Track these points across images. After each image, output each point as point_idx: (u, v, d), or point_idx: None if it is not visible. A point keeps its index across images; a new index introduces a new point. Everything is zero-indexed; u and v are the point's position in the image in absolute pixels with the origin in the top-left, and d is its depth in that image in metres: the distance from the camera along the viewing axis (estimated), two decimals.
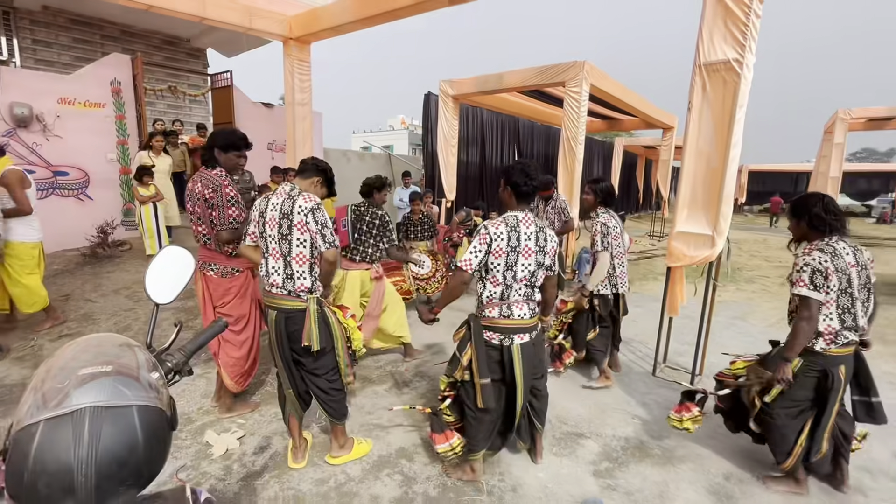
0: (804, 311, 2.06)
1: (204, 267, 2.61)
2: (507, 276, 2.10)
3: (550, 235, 2.19)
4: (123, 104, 6.13)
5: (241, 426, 2.70)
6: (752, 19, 2.95)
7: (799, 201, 2.23)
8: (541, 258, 2.14)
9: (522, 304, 2.15)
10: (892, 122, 12.04)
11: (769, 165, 24.66)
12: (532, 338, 2.19)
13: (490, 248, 2.08)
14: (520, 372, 2.14)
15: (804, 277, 2.07)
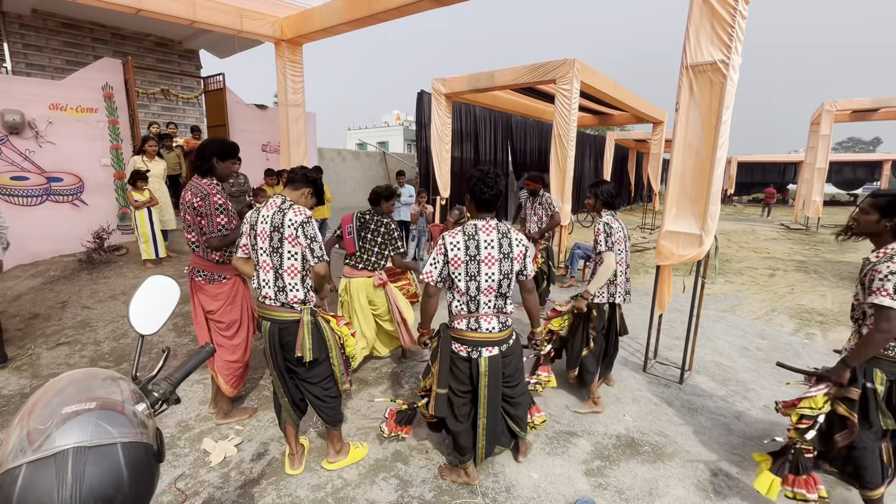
0: (883, 323, 1.86)
1: (193, 273, 2.69)
2: (469, 286, 2.07)
3: (517, 240, 2.12)
4: (116, 109, 6.11)
5: (239, 433, 2.75)
6: (737, 21, 2.99)
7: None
8: (506, 266, 2.08)
9: (492, 317, 2.12)
10: (876, 114, 12.14)
11: (757, 156, 24.79)
12: (502, 350, 2.17)
13: (447, 257, 2.08)
14: (484, 384, 2.16)
15: (889, 287, 1.85)
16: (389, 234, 3.36)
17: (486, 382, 2.16)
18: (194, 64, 9.42)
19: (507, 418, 2.38)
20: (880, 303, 1.85)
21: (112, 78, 6.07)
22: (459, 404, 2.23)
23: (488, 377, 2.16)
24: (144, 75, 8.35)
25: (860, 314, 2.06)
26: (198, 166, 2.58)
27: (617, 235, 2.96)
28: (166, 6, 5.04)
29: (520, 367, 2.35)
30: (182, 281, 5.35)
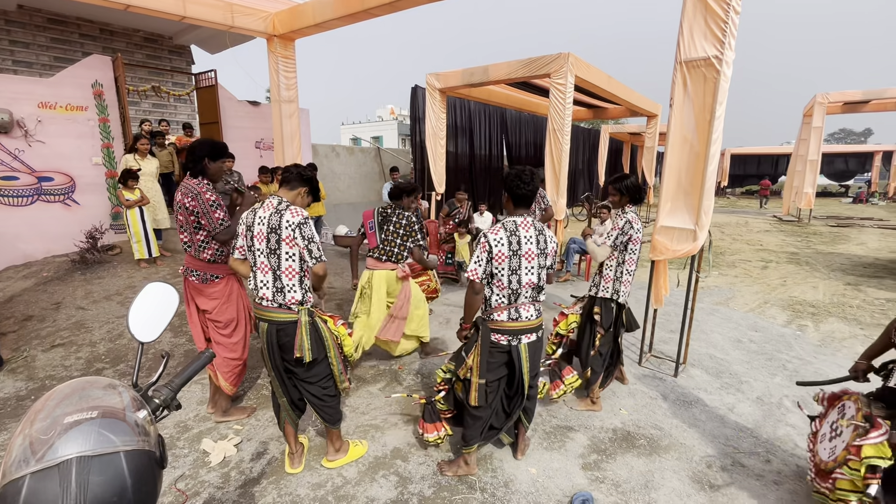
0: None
1: (187, 273, 2.71)
2: (511, 280, 2.17)
3: (550, 237, 2.27)
4: (106, 107, 6.04)
5: (238, 432, 2.76)
6: (731, 16, 2.99)
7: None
8: (542, 260, 2.22)
9: (529, 305, 2.23)
10: (867, 106, 12.23)
11: (750, 149, 24.95)
12: (538, 336, 2.30)
13: (491, 254, 2.15)
14: (526, 370, 2.26)
15: None
16: (410, 227, 3.40)
17: (528, 367, 2.25)
18: (185, 59, 9.31)
19: (529, 410, 2.49)
20: None
21: (101, 75, 5.99)
22: (489, 392, 2.30)
23: (529, 362, 2.25)
24: (134, 72, 8.24)
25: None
26: (189, 167, 2.59)
27: (636, 236, 2.95)
28: (156, 2, 4.97)
29: (542, 354, 2.46)
30: (177, 280, 5.33)
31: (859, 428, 1.83)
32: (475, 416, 2.32)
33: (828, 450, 1.99)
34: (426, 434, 2.47)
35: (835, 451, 1.92)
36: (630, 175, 3.15)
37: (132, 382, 1.01)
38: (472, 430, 2.34)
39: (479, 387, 2.23)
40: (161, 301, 1.09)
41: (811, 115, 12.28)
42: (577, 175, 15.62)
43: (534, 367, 2.33)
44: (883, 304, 5.48)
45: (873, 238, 10.25)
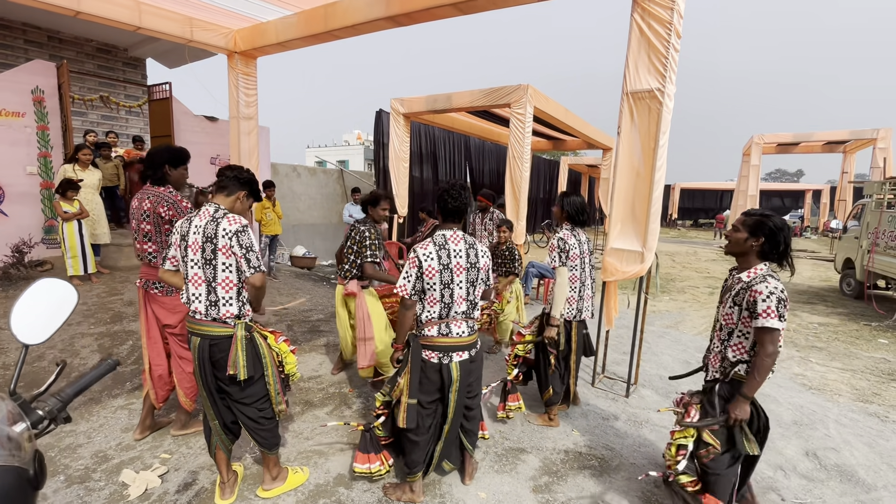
0: (770, 346, 1.84)
1: (147, 285, 2.57)
2: (444, 294, 2.13)
3: (482, 251, 2.25)
4: (47, 114, 5.70)
5: (165, 461, 2.52)
6: (671, 52, 3.21)
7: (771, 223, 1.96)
8: (473, 274, 2.19)
9: (461, 321, 2.18)
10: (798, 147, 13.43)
11: (698, 184, 26.67)
12: (471, 355, 2.23)
13: (421, 269, 2.11)
14: (455, 389, 2.18)
15: (772, 307, 1.83)
16: (361, 242, 3.24)
17: (457, 388, 2.18)
18: (140, 73, 9.01)
19: (461, 432, 2.36)
20: (771, 325, 1.81)
21: (44, 81, 5.68)
22: (424, 415, 2.21)
23: (459, 382, 2.18)
24: (83, 81, 7.88)
25: (727, 335, 2.04)
26: (150, 175, 2.54)
27: (573, 251, 2.93)
28: (109, 10, 4.80)
29: (480, 376, 2.37)
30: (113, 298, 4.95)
31: (679, 414, 2.19)
32: (412, 441, 2.22)
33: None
34: (356, 464, 2.31)
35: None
36: (577, 195, 3.20)
37: (10, 391, 0.90)
38: (412, 455, 2.23)
39: (408, 407, 2.14)
40: (55, 300, 0.98)
41: (749, 154, 13.32)
42: (537, 204, 16.06)
43: (466, 387, 2.23)
44: (816, 327, 5.83)
45: (807, 268, 11.01)
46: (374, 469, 2.30)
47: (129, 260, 6.03)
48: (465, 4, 4.09)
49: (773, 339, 1.85)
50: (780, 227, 1.95)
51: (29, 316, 0.93)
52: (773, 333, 1.85)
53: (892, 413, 3.51)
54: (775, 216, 2.00)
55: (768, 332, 1.85)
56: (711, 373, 2.15)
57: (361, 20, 4.69)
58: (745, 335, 1.99)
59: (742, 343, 2.01)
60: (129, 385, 3.35)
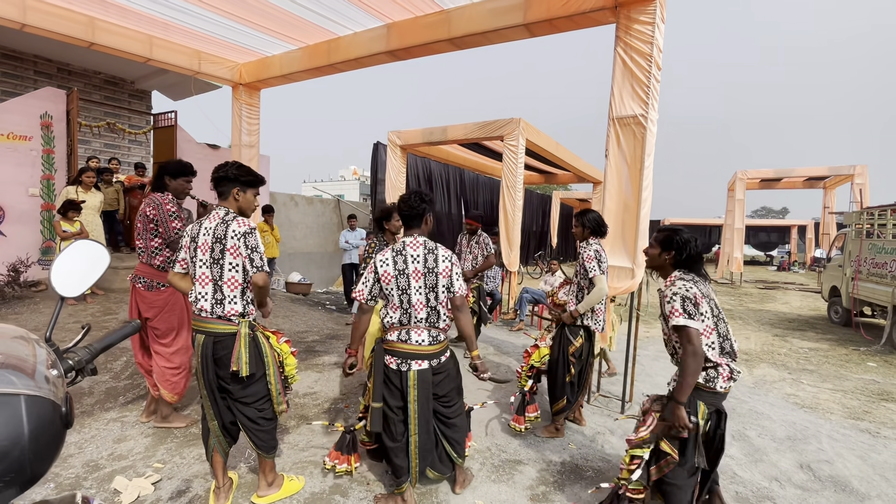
0: (687, 345, 1.87)
1: (135, 279, 2.81)
2: (402, 300, 2.14)
3: (444, 256, 2.18)
4: (53, 138, 5.86)
5: (158, 470, 2.49)
6: (652, 82, 3.45)
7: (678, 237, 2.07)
8: (432, 280, 2.14)
9: (423, 330, 2.15)
10: (780, 183, 13.94)
11: (686, 219, 27.27)
12: (432, 365, 2.17)
13: (377, 275, 2.17)
14: (413, 398, 2.13)
15: (677, 307, 1.89)
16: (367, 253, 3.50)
17: (416, 396, 2.13)
18: (145, 104, 9.31)
19: (444, 440, 2.30)
20: (676, 323, 1.86)
21: (53, 107, 5.87)
22: (395, 420, 2.20)
23: (417, 390, 2.13)
24: (90, 110, 8.12)
25: (672, 348, 2.08)
26: (154, 184, 2.88)
27: (604, 265, 3.08)
28: (121, 42, 5.06)
29: (455, 386, 2.32)
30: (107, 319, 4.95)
31: (638, 423, 2.12)
32: (388, 447, 2.21)
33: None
34: (326, 458, 2.42)
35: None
36: (594, 210, 3.36)
37: (46, 337, 0.96)
38: (393, 461, 2.21)
39: (373, 411, 2.16)
40: (89, 259, 1.05)
41: (734, 190, 13.76)
42: (530, 236, 16.31)
43: (426, 397, 2.15)
44: (806, 352, 5.91)
45: (796, 299, 11.20)
46: (340, 469, 2.41)
47: (124, 283, 6.03)
48: (460, 40, 4.38)
49: (689, 338, 1.85)
50: (687, 240, 2.05)
51: (67, 272, 1.00)
52: (684, 332, 1.86)
53: (884, 429, 3.55)
54: (682, 231, 2.08)
55: (680, 332, 1.88)
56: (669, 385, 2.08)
57: (363, 54, 4.97)
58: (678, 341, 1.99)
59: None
60: (123, 399, 3.31)
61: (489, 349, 5.36)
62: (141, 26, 5.00)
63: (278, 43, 5.46)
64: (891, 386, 4.62)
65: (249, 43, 5.50)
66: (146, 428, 2.92)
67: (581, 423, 3.35)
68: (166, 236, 2.76)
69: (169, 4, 4.45)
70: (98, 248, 1.08)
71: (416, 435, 2.17)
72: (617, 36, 3.52)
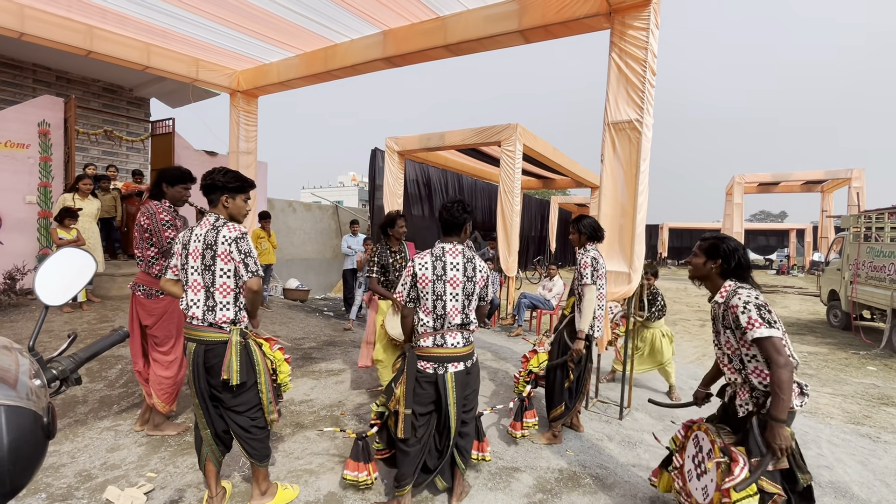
0: (776, 356, 1.69)
1: (135, 287, 2.85)
2: (436, 305, 2.18)
3: (480, 266, 2.28)
4: (51, 146, 5.86)
5: (151, 479, 2.46)
6: (647, 87, 3.46)
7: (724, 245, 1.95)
8: (470, 287, 2.22)
9: (456, 332, 2.21)
10: (778, 187, 13.96)
11: (685, 224, 27.32)
12: (467, 366, 2.24)
13: (416, 278, 2.19)
14: (452, 401, 2.18)
15: (754, 316, 1.73)
16: (371, 259, 3.60)
17: (455, 398, 2.18)
18: (144, 111, 9.34)
19: (455, 450, 2.33)
20: (761, 335, 1.71)
21: (51, 115, 5.88)
22: (418, 426, 2.21)
23: (456, 392, 2.19)
24: (88, 118, 8.14)
25: (739, 363, 1.88)
26: (152, 192, 2.89)
27: (602, 271, 3.12)
28: (120, 51, 5.08)
29: (477, 388, 2.38)
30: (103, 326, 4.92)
31: (721, 465, 1.81)
32: (404, 452, 2.21)
33: (700, 491, 1.92)
34: (346, 471, 2.34)
35: (708, 494, 1.86)
36: (589, 217, 3.36)
37: (29, 346, 0.94)
38: (403, 468, 2.22)
39: (405, 417, 2.16)
40: (76, 267, 1.04)
41: (732, 194, 13.80)
42: (529, 241, 16.31)
43: (462, 400, 2.24)
44: (805, 356, 5.88)
45: (795, 302, 11.17)
46: (362, 478, 2.31)
47: (121, 290, 6.02)
48: (456, 46, 4.40)
49: (775, 348, 1.70)
50: (734, 247, 1.94)
51: (52, 279, 0.99)
52: (769, 342, 1.71)
53: (884, 434, 3.53)
54: (729, 238, 1.99)
55: (765, 343, 1.72)
56: (742, 408, 1.90)
57: (360, 61, 4.99)
58: (755, 357, 1.82)
59: (758, 367, 1.83)
60: (117, 408, 3.29)
61: (487, 355, 5.34)
62: (139, 34, 5.03)
63: (276, 50, 5.49)
64: (891, 390, 4.60)
65: (247, 50, 5.53)
66: (140, 437, 2.90)
67: (579, 430, 3.32)
68: (160, 246, 2.77)
69: (167, 13, 4.48)
70: (84, 255, 1.07)
71: (454, 436, 2.25)
72: (612, 42, 3.53)
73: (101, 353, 1.05)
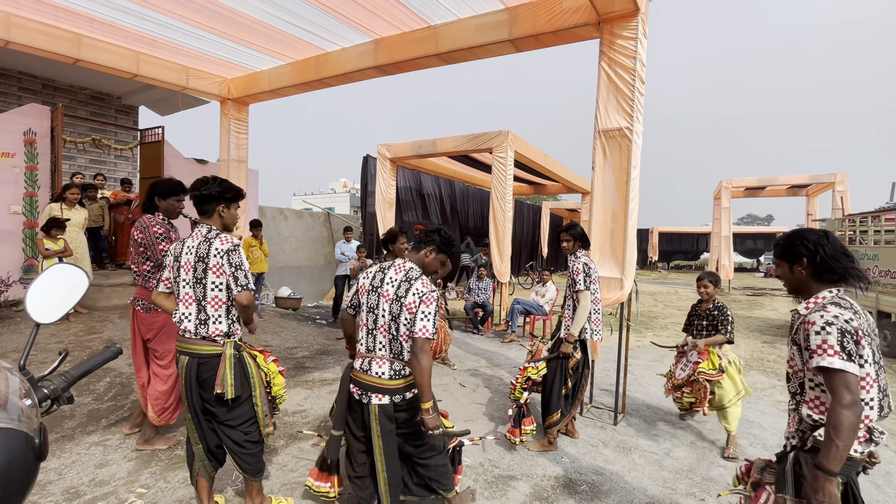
0: (844, 393, 1.34)
1: (134, 302, 2.86)
2: (368, 318, 2.01)
3: (417, 290, 1.93)
4: (37, 155, 5.78)
5: (141, 495, 2.41)
6: (636, 95, 3.51)
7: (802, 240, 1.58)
8: (396, 308, 1.93)
9: (384, 361, 1.96)
10: (765, 191, 14.20)
11: (675, 228, 27.63)
12: (394, 401, 1.95)
13: (359, 283, 2.11)
14: (376, 433, 1.93)
15: (832, 341, 1.38)
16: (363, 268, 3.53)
17: (379, 431, 1.93)
18: (132, 120, 9.24)
19: (427, 479, 2.11)
20: (828, 365, 1.37)
21: (37, 124, 5.81)
22: (357, 450, 2.06)
23: (380, 426, 1.93)
24: (76, 126, 8.04)
25: (797, 386, 1.58)
26: (145, 205, 2.89)
27: (594, 276, 3.15)
28: (108, 59, 5.04)
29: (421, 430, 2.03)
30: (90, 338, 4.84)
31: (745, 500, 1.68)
32: (350, 477, 2.09)
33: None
34: (309, 478, 2.26)
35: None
36: (578, 225, 3.41)
37: (20, 365, 0.93)
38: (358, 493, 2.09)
39: (331, 438, 2.08)
40: (67, 283, 1.02)
41: (720, 198, 13.99)
42: (521, 247, 16.38)
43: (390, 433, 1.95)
44: None
45: (784, 305, 11.33)
46: (323, 489, 2.23)
47: (109, 300, 5.93)
48: (447, 55, 4.43)
49: (845, 384, 1.35)
50: (815, 240, 1.56)
51: (44, 297, 0.97)
52: (837, 376, 1.36)
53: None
54: (805, 230, 1.61)
55: (832, 375, 1.37)
56: (787, 441, 1.63)
57: (351, 69, 5.01)
58: (820, 386, 1.48)
59: (819, 397, 1.50)
60: (105, 422, 3.23)
61: (481, 361, 5.33)
62: (128, 42, 4.99)
63: (266, 58, 5.48)
64: None
65: (237, 58, 5.52)
66: (129, 451, 2.84)
67: (574, 436, 3.33)
68: (155, 260, 2.76)
69: (156, 21, 4.46)
70: (76, 272, 1.05)
71: (385, 473, 1.97)
72: (601, 51, 3.59)
73: (94, 370, 1.04)
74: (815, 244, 1.54)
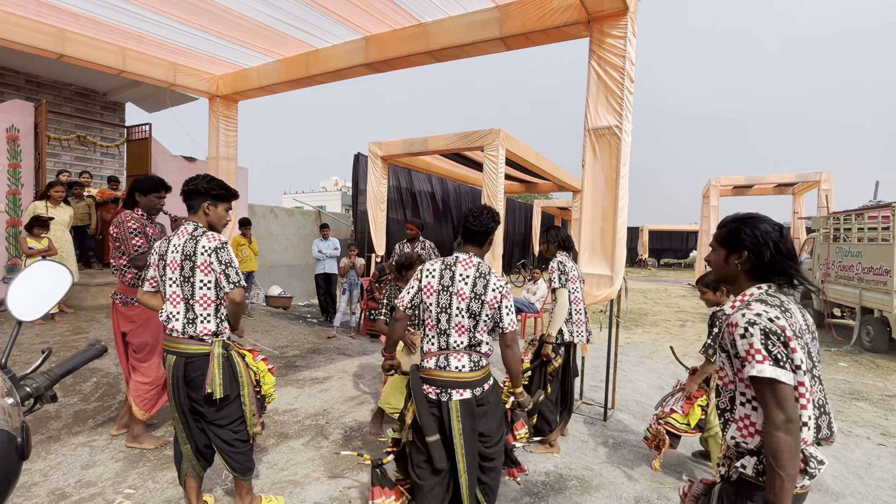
0: (770, 409, 1.14)
1: (114, 296, 2.89)
2: (440, 318, 1.94)
3: (495, 285, 1.93)
4: (20, 152, 5.67)
5: (129, 496, 2.39)
6: (625, 94, 3.54)
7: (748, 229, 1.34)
8: (476, 306, 1.91)
9: (462, 354, 1.92)
10: (751, 189, 14.41)
11: (665, 226, 27.89)
12: (475, 394, 1.91)
13: (421, 284, 2.00)
14: (458, 432, 1.86)
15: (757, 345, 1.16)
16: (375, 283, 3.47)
17: (461, 429, 1.85)
18: (118, 116, 9.11)
19: (479, 486, 1.98)
20: (757, 374, 1.15)
21: (20, 120, 5.69)
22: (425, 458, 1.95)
23: (462, 422, 1.86)
24: (60, 123, 7.90)
25: (727, 401, 1.33)
26: (126, 201, 2.93)
27: (571, 274, 3.12)
28: (93, 54, 4.95)
29: (498, 422, 2.02)
30: (77, 338, 4.77)
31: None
32: (419, 486, 1.97)
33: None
34: (372, 500, 2.04)
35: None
36: (558, 228, 3.43)
37: (0, 364, 0.91)
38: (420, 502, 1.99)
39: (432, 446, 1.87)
40: (50, 281, 1.01)
41: (708, 196, 14.16)
42: (513, 245, 16.44)
43: (473, 432, 1.89)
44: None
45: None
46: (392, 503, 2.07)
47: (95, 300, 5.84)
48: (438, 53, 4.42)
49: (775, 398, 1.13)
50: (766, 231, 1.31)
51: (25, 295, 0.96)
52: (769, 387, 1.14)
53: (856, 428, 3.65)
54: (757, 218, 1.36)
55: (761, 386, 1.16)
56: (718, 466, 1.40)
57: (342, 66, 4.98)
58: (752, 402, 1.25)
59: (749, 416, 1.25)
60: (92, 422, 3.18)
61: None
62: (114, 38, 4.91)
63: (256, 55, 5.42)
64: (861, 385, 4.77)
65: (226, 55, 5.45)
66: (117, 452, 2.81)
67: (564, 433, 3.32)
68: (128, 254, 2.77)
69: (143, 18, 4.39)
70: (59, 269, 1.04)
71: (467, 474, 1.88)
72: (591, 49, 3.61)
73: (78, 368, 1.02)
74: (764, 238, 1.31)
